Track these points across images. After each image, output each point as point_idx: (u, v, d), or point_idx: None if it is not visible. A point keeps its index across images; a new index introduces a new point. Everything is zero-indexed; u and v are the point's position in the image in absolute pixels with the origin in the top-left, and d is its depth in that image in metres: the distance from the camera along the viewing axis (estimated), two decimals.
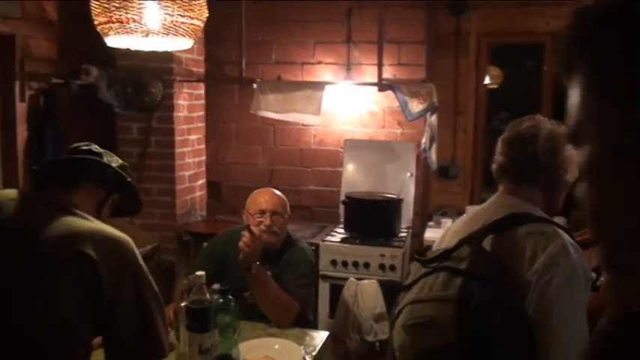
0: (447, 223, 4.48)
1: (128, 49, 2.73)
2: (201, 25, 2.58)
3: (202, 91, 5.29)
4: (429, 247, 2.12)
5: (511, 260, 1.77)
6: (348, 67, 5.04)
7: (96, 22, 2.49)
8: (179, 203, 4.94)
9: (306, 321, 3.25)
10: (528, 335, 1.68)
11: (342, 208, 4.61)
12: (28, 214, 1.91)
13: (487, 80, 6.67)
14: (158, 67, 4.73)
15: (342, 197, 4.61)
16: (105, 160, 2.11)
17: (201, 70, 5.26)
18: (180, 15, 2.46)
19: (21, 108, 4.26)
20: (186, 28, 2.52)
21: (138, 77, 4.70)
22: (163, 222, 4.89)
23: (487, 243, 1.82)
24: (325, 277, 4.29)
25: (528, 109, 2.55)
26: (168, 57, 4.67)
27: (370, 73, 4.92)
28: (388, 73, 4.93)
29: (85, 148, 2.13)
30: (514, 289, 1.71)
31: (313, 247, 4.14)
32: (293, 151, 5.25)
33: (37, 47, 4.37)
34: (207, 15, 2.60)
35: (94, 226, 1.90)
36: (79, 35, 4.34)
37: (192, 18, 2.49)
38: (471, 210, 2.19)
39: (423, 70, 4.91)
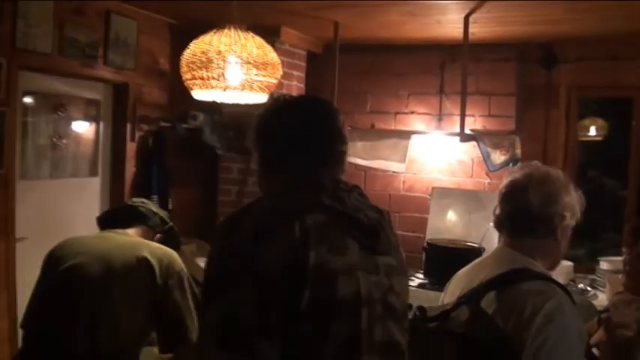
0: None
1: None
2: (275, 82, 2.98)
3: None
4: None
5: (509, 320, 1.80)
6: (440, 117, 5.33)
7: (183, 78, 2.93)
8: None
9: None
10: None
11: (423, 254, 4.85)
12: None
13: (593, 132, 6.76)
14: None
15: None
16: (153, 209, 2.70)
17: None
18: (255, 74, 2.86)
19: (131, 147, 4.86)
20: (261, 85, 2.92)
21: (239, 123, 5.17)
22: None
23: (486, 301, 1.87)
24: None
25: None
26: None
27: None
28: (479, 124, 5.18)
29: (137, 200, 2.76)
30: (511, 351, 1.77)
31: None
32: (382, 196, 5.56)
33: (149, 94, 4.97)
34: (281, 74, 2.99)
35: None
36: None
37: (265, 76, 2.89)
38: (475, 261, 2.22)
39: (513, 122, 5.13)
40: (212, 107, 5.08)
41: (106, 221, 2.70)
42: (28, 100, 4.28)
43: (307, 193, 1.57)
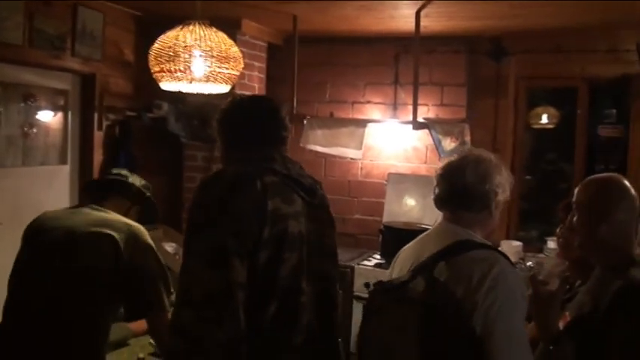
0: None
1: None
2: (237, 74, 3.24)
3: None
4: None
5: (460, 286, 2.02)
6: (395, 106, 5.64)
7: (152, 71, 3.18)
8: None
9: None
10: (477, 351, 1.97)
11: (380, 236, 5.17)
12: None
13: (544, 120, 7.08)
14: (221, 104, 5.42)
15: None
16: (129, 180, 2.84)
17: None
18: (218, 67, 3.12)
19: (98, 136, 5.08)
20: (224, 77, 3.18)
21: (203, 112, 5.40)
22: None
23: (437, 271, 2.08)
24: (359, 299, 4.83)
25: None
26: (230, 95, 5.36)
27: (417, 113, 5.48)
28: (432, 113, 5.51)
29: (115, 172, 2.91)
30: (463, 314, 2.00)
31: (348, 269, 4.75)
32: (341, 182, 5.87)
33: (115, 84, 5.18)
34: (243, 66, 3.26)
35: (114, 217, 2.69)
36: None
37: (227, 69, 3.15)
38: (419, 237, 2.43)
39: (464, 111, 5.47)
40: (176, 97, 5.30)
41: (88, 190, 2.93)
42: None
43: (263, 163, 2.15)
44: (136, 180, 2.88)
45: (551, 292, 2.20)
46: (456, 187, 2.22)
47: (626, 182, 2.28)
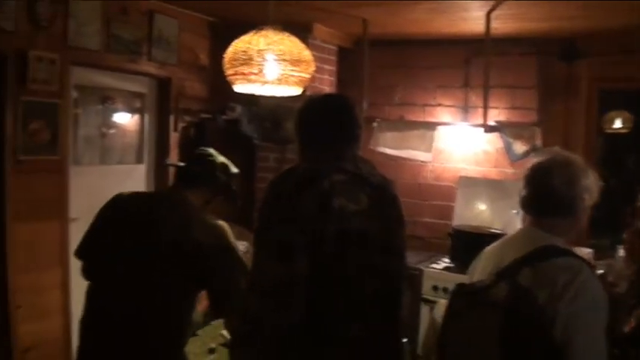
0: None
1: None
2: (308, 77, 3.32)
3: None
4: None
5: (543, 292, 2.02)
6: (465, 109, 5.64)
7: (226, 73, 3.29)
8: None
9: None
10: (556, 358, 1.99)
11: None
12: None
13: (618, 124, 6.94)
14: (293, 106, 5.52)
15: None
16: (218, 172, 2.91)
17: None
18: (290, 70, 3.20)
19: (174, 137, 5.27)
20: (295, 80, 3.26)
21: (275, 114, 5.52)
22: None
23: (521, 276, 2.08)
24: (427, 301, 4.86)
25: None
26: (302, 98, 5.47)
27: (488, 116, 5.46)
28: (503, 116, 5.48)
29: (207, 154, 2.96)
30: (545, 320, 2.00)
31: (417, 272, 4.78)
32: (412, 185, 5.90)
33: (190, 88, 5.36)
34: (314, 69, 3.33)
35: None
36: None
37: (299, 72, 3.23)
38: (501, 240, 2.45)
39: (535, 114, 5.42)
40: (249, 100, 5.44)
41: (179, 174, 2.95)
42: (78, 93, 4.68)
43: (333, 162, 2.23)
44: (226, 168, 2.98)
45: (619, 294, 2.20)
46: (543, 191, 2.21)
47: None
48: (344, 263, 2.09)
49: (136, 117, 5.22)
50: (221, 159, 3.00)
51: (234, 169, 3.05)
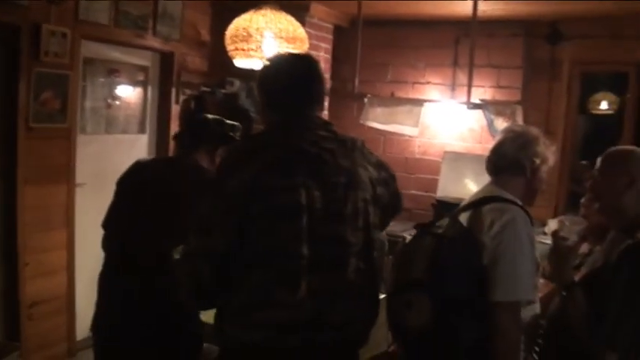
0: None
1: None
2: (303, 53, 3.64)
3: (327, 104, 6.37)
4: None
5: (476, 228, 2.53)
6: (453, 87, 5.97)
7: (227, 49, 3.62)
8: None
9: None
10: (481, 280, 2.45)
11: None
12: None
13: (604, 106, 7.26)
14: None
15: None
16: (212, 126, 3.24)
17: (327, 85, 6.33)
18: (286, 47, 3.53)
19: (175, 109, 5.60)
20: None
21: None
22: None
23: (462, 217, 2.62)
24: None
25: None
26: None
27: (473, 94, 5.79)
28: (488, 95, 5.82)
29: (201, 117, 3.30)
30: (474, 247, 2.49)
31: (400, 239, 5.13)
32: (399, 159, 6.26)
33: (192, 62, 5.68)
34: (308, 46, 3.66)
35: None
36: (227, 54, 5.53)
37: (294, 48, 3.56)
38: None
39: (519, 93, 5.76)
40: (247, 74, 5.75)
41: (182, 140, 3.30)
42: (86, 65, 4.98)
43: (274, 132, 2.30)
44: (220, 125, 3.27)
45: (569, 246, 2.57)
46: (498, 153, 2.71)
47: None
48: (272, 237, 2.12)
49: (140, 89, 5.53)
50: (214, 116, 3.29)
51: (231, 122, 3.31)
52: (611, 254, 2.48)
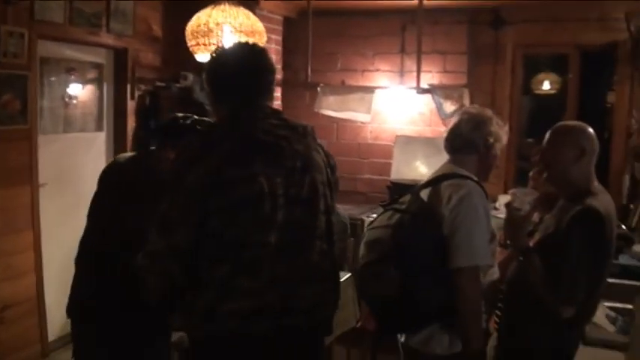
0: None
1: None
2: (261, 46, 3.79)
3: (279, 94, 6.54)
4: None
5: (436, 202, 2.74)
6: (401, 74, 6.20)
7: (188, 44, 3.75)
8: None
9: (340, 267, 4.38)
10: (442, 249, 2.66)
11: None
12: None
13: (547, 86, 7.54)
14: None
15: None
16: (181, 121, 3.22)
17: (279, 76, 6.49)
18: (246, 40, 3.67)
19: (131, 105, 5.67)
20: None
21: None
22: None
23: (423, 194, 2.80)
24: None
25: None
26: None
27: (421, 79, 6.01)
28: (436, 80, 6.07)
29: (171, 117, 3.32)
30: (435, 219, 2.69)
31: (359, 221, 5.34)
32: (352, 145, 6.49)
33: (145, 58, 5.77)
34: (266, 39, 3.82)
35: None
36: (180, 49, 5.60)
37: (254, 42, 3.70)
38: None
39: (465, 77, 6.01)
40: (201, 68, 5.87)
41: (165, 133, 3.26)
42: (43, 65, 5.01)
43: (227, 124, 2.33)
44: (188, 121, 3.24)
45: (523, 215, 2.80)
46: (454, 133, 2.88)
47: (590, 129, 2.86)
48: (234, 228, 2.17)
49: (96, 87, 5.59)
50: (184, 114, 3.30)
51: (199, 118, 3.31)
52: (561, 221, 2.73)
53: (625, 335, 3.02)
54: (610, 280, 3.21)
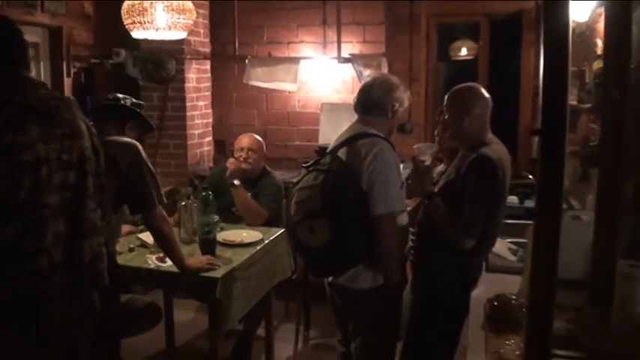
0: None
1: None
2: (191, 22, 4.24)
3: (208, 67, 6.97)
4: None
5: (354, 160, 3.21)
6: (324, 44, 6.67)
7: (124, 22, 4.15)
8: (190, 155, 6.66)
9: (276, 225, 4.87)
10: (363, 200, 3.18)
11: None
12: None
13: (464, 52, 8.10)
14: (172, 48, 6.40)
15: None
16: (121, 102, 3.66)
17: (207, 49, 6.93)
18: (177, 18, 4.11)
19: (67, 82, 5.99)
20: (182, 26, 4.18)
21: (156, 56, 6.36)
22: (178, 170, 6.64)
23: (340, 153, 3.26)
24: None
25: None
26: (180, 40, 6.26)
27: (343, 50, 6.52)
28: (356, 49, 6.56)
29: (111, 97, 3.71)
30: (355, 175, 3.20)
31: (291, 184, 5.81)
32: (281, 114, 6.96)
33: (79, 35, 6.10)
34: (195, 16, 4.25)
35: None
36: (111, 26, 5.94)
37: (184, 19, 4.15)
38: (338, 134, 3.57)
39: (383, 46, 6.52)
40: (132, 44, 6.24)
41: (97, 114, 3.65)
42: None
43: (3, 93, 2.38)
44: (128, 100, 3.69)
45: (427, 165, 3.33)
46: (365, 98, 3.40)
47: (482, 88, 3.40)
48: (14, 192, 2.30)
49: (33, 66, 5.88)
50: (123, 95, 3.72)
51: (137, 100, 3.78)
52: (461, 167, 3.28)
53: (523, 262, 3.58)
54: (516, 222, 3.98)
